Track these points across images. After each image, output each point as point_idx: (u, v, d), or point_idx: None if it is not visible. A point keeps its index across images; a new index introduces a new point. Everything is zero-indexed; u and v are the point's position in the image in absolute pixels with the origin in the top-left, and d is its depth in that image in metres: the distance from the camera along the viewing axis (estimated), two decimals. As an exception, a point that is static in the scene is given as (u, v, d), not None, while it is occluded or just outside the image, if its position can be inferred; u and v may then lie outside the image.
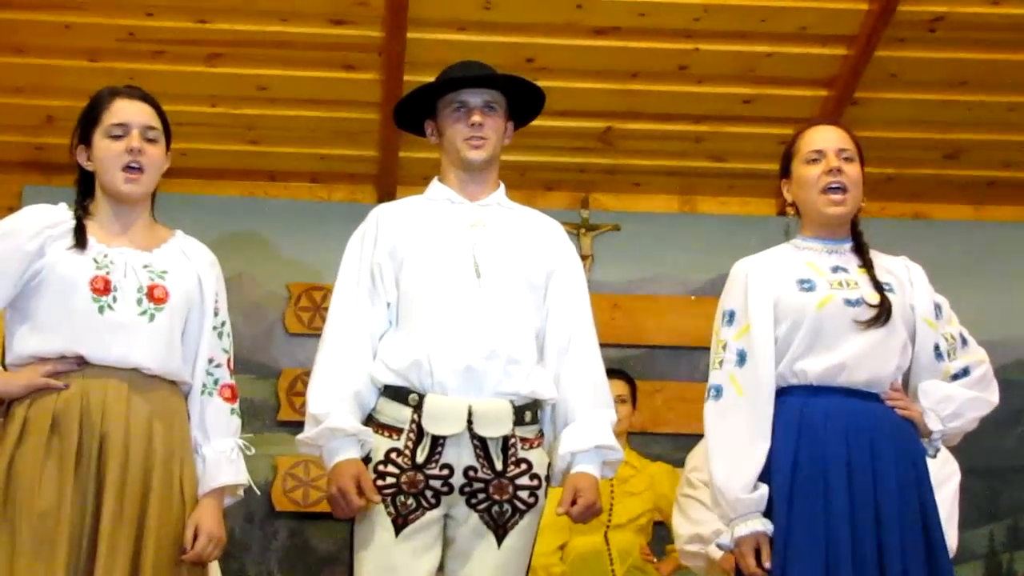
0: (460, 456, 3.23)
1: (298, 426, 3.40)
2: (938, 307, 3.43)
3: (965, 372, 3.39)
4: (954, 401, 3.35)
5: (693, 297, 6.20)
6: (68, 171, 6.07)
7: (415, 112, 3.53)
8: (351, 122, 5.95)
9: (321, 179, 6.39)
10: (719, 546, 3.39)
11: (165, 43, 5.50)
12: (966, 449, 3.81)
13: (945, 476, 4.10)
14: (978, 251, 6.32)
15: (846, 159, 3.38)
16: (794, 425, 3.26)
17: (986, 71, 5.67)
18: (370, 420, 3.28)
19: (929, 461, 3.46)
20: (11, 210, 6.02)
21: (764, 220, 6.19)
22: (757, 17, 5.44)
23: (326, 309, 5.94)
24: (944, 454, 4.02)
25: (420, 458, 3.22)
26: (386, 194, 6.11)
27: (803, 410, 3.27)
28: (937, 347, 3.38)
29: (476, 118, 3.40)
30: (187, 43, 5.51)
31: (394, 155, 6.07)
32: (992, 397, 3.42)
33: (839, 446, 3.22)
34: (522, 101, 3.54)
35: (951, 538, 3.99)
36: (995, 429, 5.82)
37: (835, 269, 3.36)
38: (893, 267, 3.43)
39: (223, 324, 3.30)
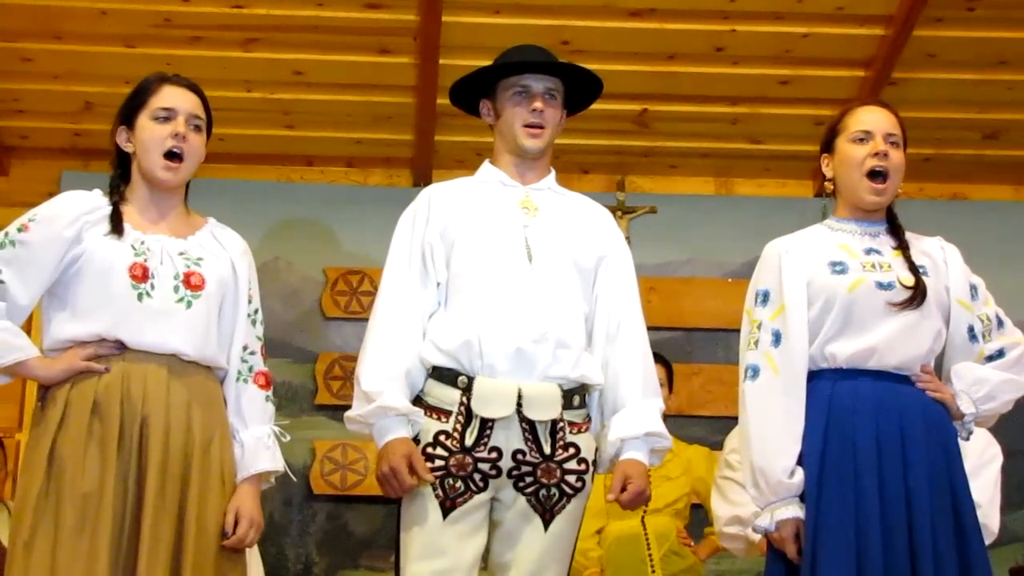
0: (509, 439, 3.23)
1: (336, 410, 3.42)
2: (974, 288, 3.40)
3: (1000, 354, 3.37)
4: (987, 383, 3.32)
5: (730, 280, 6.18)
6: (106, 157, 6.10)
7: (469, 89, 3.53)
8: (387, 106, 5.95)
9: (357, 163, 6.40)
10: (755, 529, 3.38)
11: (201, 28, 5.52)
12: (1007, 432, 3.79)
13: (987, 459, 4.07)
14: (1017, 232, 6.28)
15: (892, 144, 3.36)
16: (824, 408, 3.25)
17: (1025, 50, 5.63)
18: (418, 402, 3.28)
19: (971, 444, 3.45)
20: (50, 195, 6.11)
21: (801, 202, 6.16)
22: (794, -3, 5.43)
23: (363, 293, 6.12)
24: (986, 437, 4.01)
25: (469, 441, 3.22)
26: (422, 178, 6.13)
27: (833, 393, 3.26)
28: (971, 329, 3.36)
29: (538, 104, 3.40)
30: (223, 28, 5.52)
31: (430, 139, 6.08)
32: None
33: (868, 429, 3.21)
34: (578, 90, 3.53)
35: (993, 521, 3.97)
36: (1036, 411, 5.78)
37: (868, 251, 3.35)
38: (928, 249, 3.41)
39: (256, 312, 3.32)
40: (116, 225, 3.15)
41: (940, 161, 6.25)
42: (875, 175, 3.34)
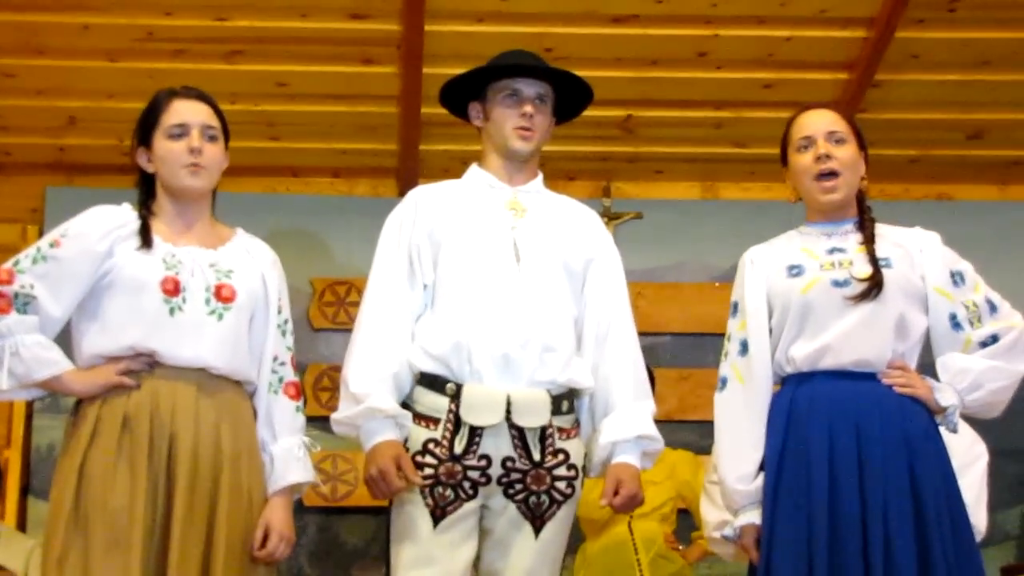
0: (498, 446, 3.22)
1: (325, 421, 3.40)
2: (958, 275, 3.36)
3: (994, 339, 3.32)
4: (970, 373, 3.29)
5: (717, 284, 6.18)
6: (90, 172, 6.18)
7: (458, 92, 3.53)
8: (371, 116, 5.96)
9: (342, 173, 6.40)
10: (724, 537, 3.39)
11: (184, 41, 5.52)
12: (998, 431, 3.79)
13: (973, 457, 4.07)
14: (1003, 231, 6.29)
15: (836, 141, 3.35)
16: (784, 414, 3.26)
17: (1008, 50, 5.65)
18: (406, 409, 3.27)
19: (956, 444, 3.44)
20: (35, 211, 6.18)
21: (787, 205, 6.05)
22: (776, 1, 5.43)
23: (351, 304, 6.12)
24: (971, 436, 4.00)
25: (458, 449, 3.21)
26: (407, 187, 6.05)
27: (792, 398, 3.26)
28: (954, 316, 3.32)
29: (528, 109, 3.40)
30: (206, 41, 5.52)
31: (415, 148, 6.08)
32: (1020, 365, 3.33)
33: (821, 431, 3.20)
34: (567, 97, 3.53)
35: (980, 520, 3.96)
36: (1026, 409, 5.79)
37: (832, 251, 3.34)
38: (903, 239, 3.38)
39: (286, 322, 3.32)
40: (145, 239, 3.17)
41: (924, 162, 6.27)
42: (823, 178, 3.34)
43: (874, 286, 3.24)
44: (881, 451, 3.17)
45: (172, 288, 3.13)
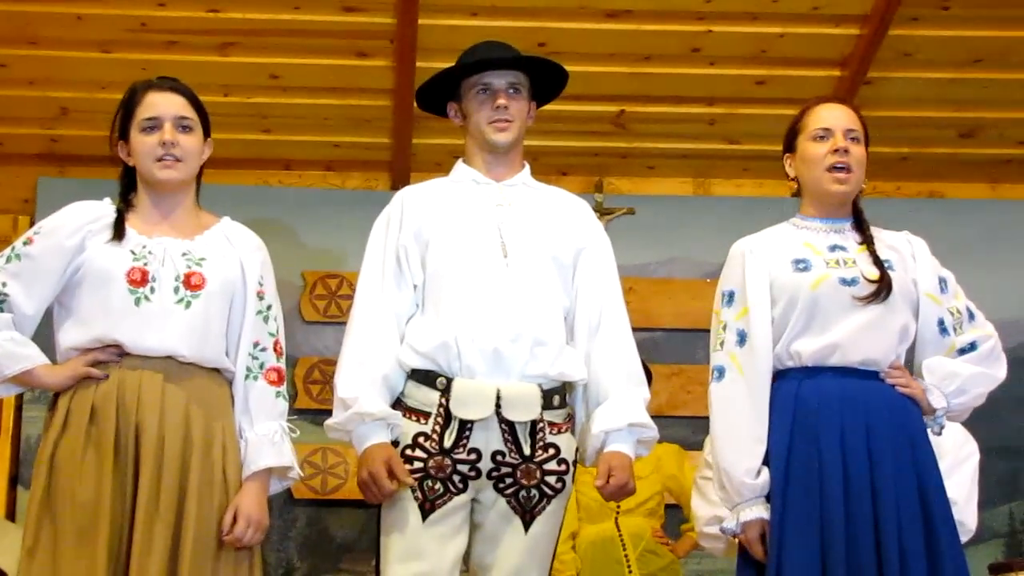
0: (488, 440, 3.22)
1: (316, 414, 3.41)
2: (943, 281, 3.38)
3: (972, 347, 3.35)
4: (959, 377, 3.31)
5: (709, 280, 6.17)
6: (82, 162, 6.18)
7: (437, 93, 3.52)
8: (364, 109, 5.96)
9: (335, 167, 6.40)
10: (723, 531, 3.38)
11: (178, 33, 5.52)
12: (987, 428, 3.79)
13: (964, 456, 4.08)
14: (994, 229, 6.31)
15: (853, 139, 3.35)
16: (789, 408, 3.24)
17: (1000, 48, 5.66)
18: (398, 404, 3.27)
19: (947, 442, 3.45)
20: (26, 202, 6.18)
21: (779, 202, 6.07)
22: (769, -3, 5.44)
23: (342, 297, 6.12)
24: (963, 434, 4.01)
25: (448, 442, 3.21)
26: (400, 180, 6.12)
27: (798, 392, 3.25)
28: (942, 322, 3.34)
29: (501, 101, 3.39)
30: (199, 33, 5.52)
31: (407, 142, 6.08)
32: (998, 373, 3.37)
33: (833, 427, 3.19)
34: (544, 81, 3.53)
35: (970, 518, 3.97)
36: (1015, 408, 5.81)
37: (833, 248, 3.34)
38: (895, 243, 3.39)
39: (268, 308, 3.30)
40: (118, 231, 3.18)
41: (917, 159, 6.28)
42: (836, 170, 3.34)
43: (883, 288, 3.25)
44: (891, 448, 3.18)
45: (139, 279, 3.13)
